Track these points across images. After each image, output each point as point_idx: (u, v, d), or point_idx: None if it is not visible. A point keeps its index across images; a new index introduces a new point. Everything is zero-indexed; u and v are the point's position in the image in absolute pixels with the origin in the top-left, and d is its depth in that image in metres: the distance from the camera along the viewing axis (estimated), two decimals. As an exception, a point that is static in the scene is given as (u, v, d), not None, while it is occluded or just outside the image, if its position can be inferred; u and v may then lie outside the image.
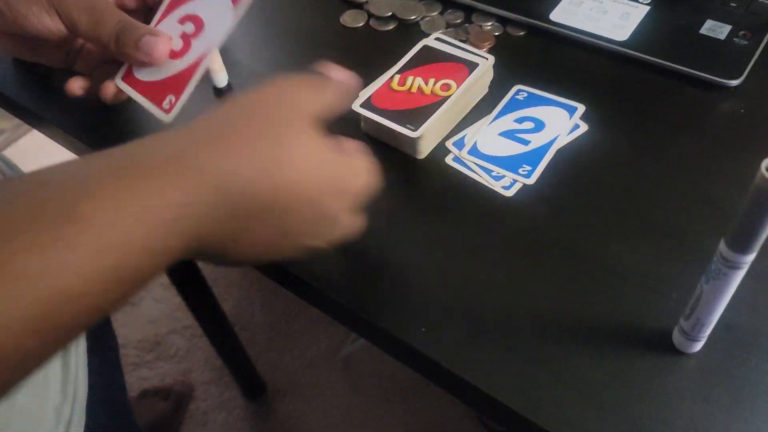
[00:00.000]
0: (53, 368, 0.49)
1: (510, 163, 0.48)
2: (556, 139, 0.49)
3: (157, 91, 0.43)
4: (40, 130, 0.58)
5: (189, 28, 0.43)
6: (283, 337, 1.37)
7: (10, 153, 1.73)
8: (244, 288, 1.45)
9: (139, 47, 0.43)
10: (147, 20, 0.46)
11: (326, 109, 0.35)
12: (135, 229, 0.26)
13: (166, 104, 0.42)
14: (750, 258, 0.30)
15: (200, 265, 1.07)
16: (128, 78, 0.44)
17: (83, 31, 0.44)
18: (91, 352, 0.55)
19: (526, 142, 0.49)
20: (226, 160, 0.29)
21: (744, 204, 0.28)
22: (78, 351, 0.53)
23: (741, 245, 0.29)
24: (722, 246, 0.30)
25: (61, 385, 0.49)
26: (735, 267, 0.30)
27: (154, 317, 1.42)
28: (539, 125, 0.50)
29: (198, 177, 0.28)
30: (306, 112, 0.33)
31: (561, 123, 0.50)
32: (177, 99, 0.42)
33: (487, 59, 0.51)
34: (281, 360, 1.33)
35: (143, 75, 0.44)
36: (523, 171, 0.47)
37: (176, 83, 0.43)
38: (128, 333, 1.39)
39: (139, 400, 1.24)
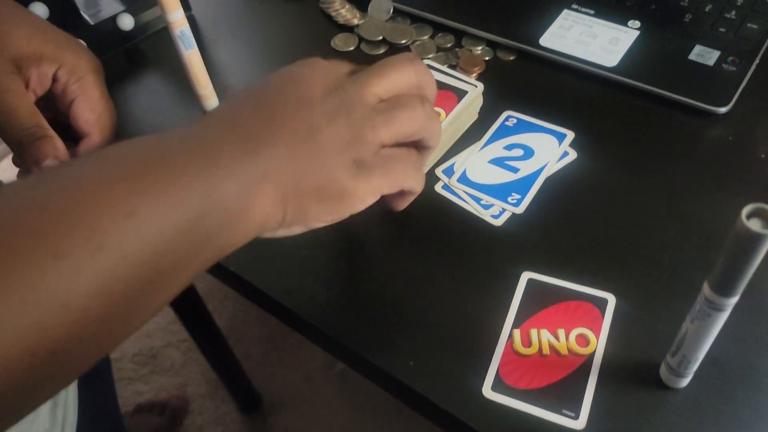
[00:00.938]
0: None
1: (499, 191, 0.48)
2: (545, 166, 0.49)
3: None
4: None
5: None
6: (278, 350, 1.37)
7: (6, 164, 1.73)
8: (240, 301, 1.45)
9: (40, 167, 0.41)
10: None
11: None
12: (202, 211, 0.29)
13: None
14: (734, 300, 0.30)
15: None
16: None
17: None
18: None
19: (515, 170, 0.49)
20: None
21: (725, 249, 0.28)
22: None
23: (724, 289, 0.29)
24: (706, 288, 0.30)
25: (50, 409, 0.49)
26: (719, 309, 0.31)
27: (150, 330, 1.42)
28: (528, 152, 0.50)
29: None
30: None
31: (550, 150, 0.50)
32: None
33: (476, 86, 0.51)
34: (277, 373, 1.33)
35: None
36: (512, 200, 0.47)
37: None
38: (123, 346, 1.39)
39: (135, 415, 1.24)
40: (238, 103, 0.34)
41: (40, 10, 0.55)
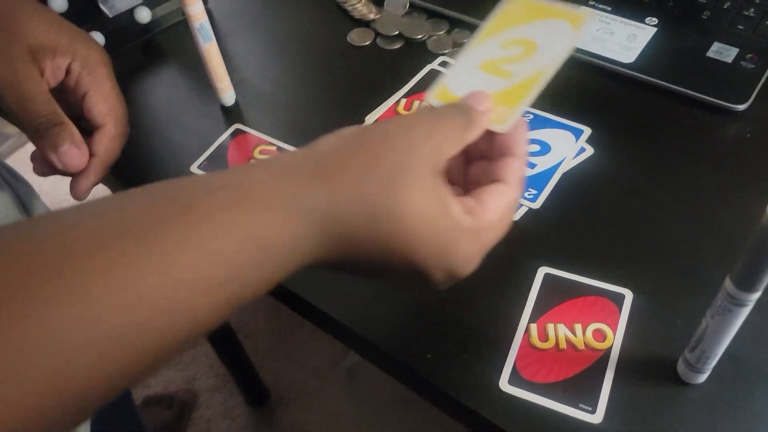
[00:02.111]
0: None
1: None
2: (561, 162, 0.49)
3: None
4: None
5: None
6: (287, 345, 1.37)
7: (16, 157, 1.74)
8: (248, 295, 1.45)
9: (57, 152, 0.42)
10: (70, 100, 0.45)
11: (458, 148, 0.31)
12: (245, 262, 0.25)
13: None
14: (756, 296, 0.30)
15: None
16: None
17: (12, 113, 0.42)
18: None
19: (531, 166, 0.49)
20: (333, 201, 0.27)
21: (749, 243, 0.28)
22: None
23: (747, 284, 0.29)
24: (728, 283, 0.30)
25: None
26: (741, 304, 0.30)
27: (159, 324, 1.43)
28: (545, 148, 0.50)
29: (307, 216, 0.27)
30: (424, 157, 0.29)
31: (567, 146, 0.50)
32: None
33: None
34: (285, 368, 1.34)
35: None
36: (529, 195, 0.47)
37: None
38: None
39: (143, 408, 1.25)
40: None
41: (60, 1, 0.56)
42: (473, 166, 0.35)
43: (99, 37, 0.59)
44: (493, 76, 0.36)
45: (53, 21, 0.44)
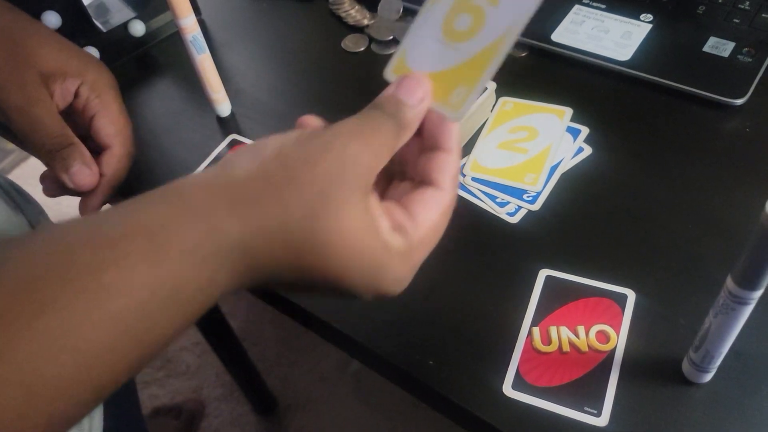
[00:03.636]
0: None
1: (514, 188, 0.48)
2: (560, 163, 0.49)
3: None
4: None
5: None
6: (293, 351, 1.37)
7: (18, 173, 1.75)
8: (253, 303, 1.45)
9: (69, 173, 0.43)
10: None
11: (389, 156, 0.29)
12: (154, 307, 0.24)
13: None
14: (758, 294, 0.30)
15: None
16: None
17: (24, 136, 0.43)
18: None
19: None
20: (251, 233, 0.25)
21: (749, 242, 0.27)
22: None
23: (748, 282, 0.29)
24: (729, 282, 0.30)
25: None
26: (743, 303, 0.30)
27: (165, 334, 1.43)
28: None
29: (223, 253, 0.25)
30: (354, 178, 0.27)
31: (565, 146, 0.50)
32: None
33: (487, 86, 0.51)
34: (292, 374, 1.34)
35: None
36: (528, 197, 0.47)
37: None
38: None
39: (151, 418, 1.25)
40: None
41: (53, 18, 0.56)
42: (399, 156, 0.31)
43: (94, 52, 0.59)
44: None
45: (63, 46, 0.46)
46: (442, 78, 0.31)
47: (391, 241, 0.28)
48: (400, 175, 0.33)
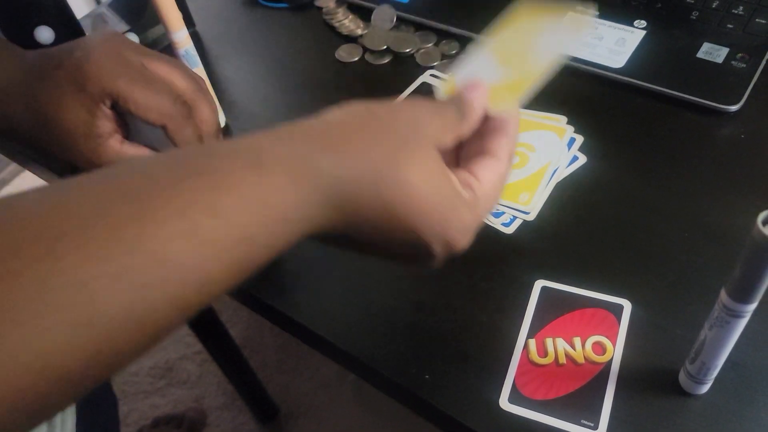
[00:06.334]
0: None
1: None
2: (555, 172, 0.49)
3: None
4: (32, 171, 0.58)
5: None
6: (294, 358, 1.37)
7: (18, 183, 1.75)
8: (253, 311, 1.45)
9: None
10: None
11: (453, 138, 0.32)
12: (253, 224, 0.26)
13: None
14: (752, 307, 0.30)
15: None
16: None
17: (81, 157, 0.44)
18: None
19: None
20: (341, 168, 0.28)
21: (742, 256, 0.27)
22: None
23: (742, 296, 0.29)
24: (723, 295, 0.30)
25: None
26: (737, 316, 0.30)
27: (165, 343, 1.43)
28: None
29: (315, 180, 0.28)
30: (427, 134, 0.31)
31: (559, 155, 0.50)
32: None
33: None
34: (293, 382, 1.33)
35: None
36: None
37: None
38: (139, 360, 1.39)
39: (152, 428, 1.24)
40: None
41: (46, 33, 0.56)
42: (464, 146, 0.35)
43: (87, 66, 0.59)
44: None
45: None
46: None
47: (460, 190, 0.31)
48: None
